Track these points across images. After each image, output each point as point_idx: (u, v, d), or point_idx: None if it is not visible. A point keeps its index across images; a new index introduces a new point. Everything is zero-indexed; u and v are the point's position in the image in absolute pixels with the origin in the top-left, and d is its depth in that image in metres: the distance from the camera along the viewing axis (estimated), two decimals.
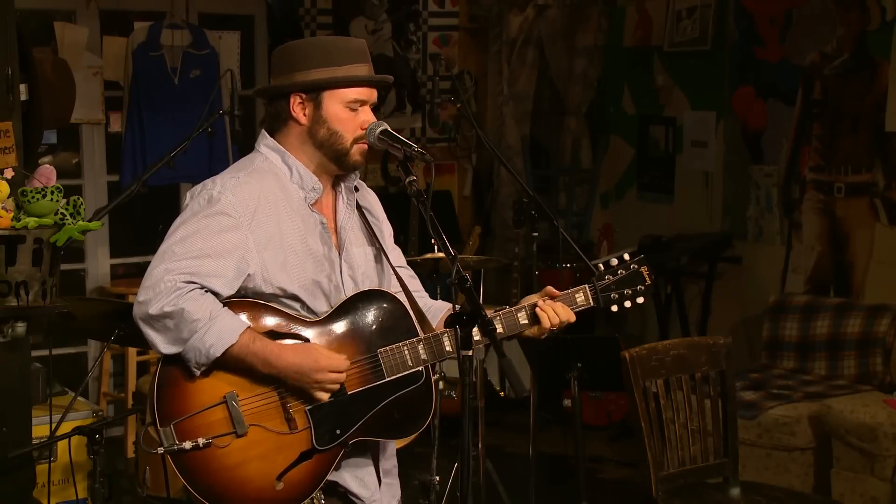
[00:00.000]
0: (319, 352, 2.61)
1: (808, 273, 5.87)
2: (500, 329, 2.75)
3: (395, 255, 2.92)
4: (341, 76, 2.67)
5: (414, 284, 2.92)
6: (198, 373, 2.58)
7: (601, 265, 2.87)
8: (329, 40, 2.80)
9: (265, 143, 2.76)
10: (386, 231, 2.93)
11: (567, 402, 4.27)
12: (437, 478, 4.33)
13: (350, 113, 2.69)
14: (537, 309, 2.75)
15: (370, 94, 2.72)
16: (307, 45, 2.77)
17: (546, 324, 2.74)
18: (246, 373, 2.60)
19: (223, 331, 2.54)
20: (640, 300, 2.87)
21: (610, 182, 7.19)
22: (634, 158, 6.98)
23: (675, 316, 6.39)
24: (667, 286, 6.42)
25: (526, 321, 2.77)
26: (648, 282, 2.87)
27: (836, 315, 5.45)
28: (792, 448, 4.97)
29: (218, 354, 2.54)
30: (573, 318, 2.78)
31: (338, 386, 2.62)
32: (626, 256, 2.88)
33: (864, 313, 5.35)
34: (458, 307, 2.46)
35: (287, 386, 2.61)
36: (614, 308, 2.85)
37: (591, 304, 2.83)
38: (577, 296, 2.82)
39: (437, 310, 2.89)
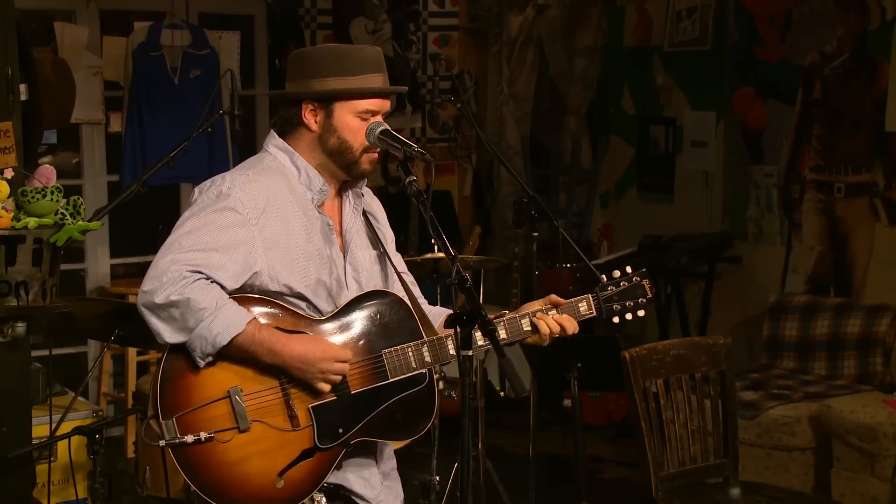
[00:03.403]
0: (326, 342, 2.62)
1: (808, 273, 5.87)
2: (503, 335, 2.77)
3: (396, 261, 2.92)
4: (353, 87, 2.68)
5: (414, 291, 2.92)
6: (202, 364, 2.57)
7: (604, 276, 2.89)
8: (344, 48, 2.79)
9: (274, 143, 2.76)
10: (389, 238, 2.93)
11: (567, 402, 4.27)
12: (437, 478, 4.32)
13: (361, 123, 2.70)
14: (535, 319, 2.78)
15: (382, 104, 2.73)
16: (323, 52, 2.77)
17: (545, 332, 2.77)
18: (250, 364, 2.59)
19: (229, 319, 2.54)
20: (641, 313, 2.92)
21: (610, 182, 7.19)
22: (634, 158, 6.98)
23: (675, 316, 6.39)
24: (667, 286, 6.42)
25: (529, 328, 2.79)
26: (650, 295, 2.92)
27: (836, 315, 5.45)
28: (792, 448, 4.97)
29: (224, 343, 2.54)
30: (577, 329, 2.80)
31: (340, 378, 2.62)
32: (629, 269, 2.92)
33: (864, 313, 5.35)
34: (458, 307, 2.46)
35: (290, 377, 2.61)
36: (615, 319, 2.90)
37: (594, 313, 2.88)
38: (580, 305, 2.85)
39: (433, 316, 2.89)
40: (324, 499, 2.67)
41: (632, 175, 7.01)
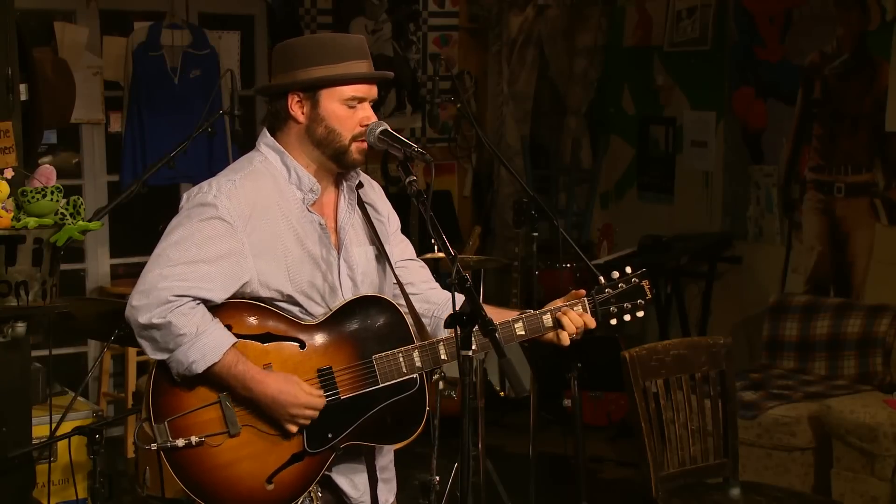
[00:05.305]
0: (300, 387, 2.61)
1: (808, 273, 5.87)
2: (522, 332, 2.76)
3: (404, 247, 2.92)
4: (338, 74, 2.66)
5: (423, 275, 2.92)
6: (179, 380, 2.60)
7: (602, 278, 2.87)
8: (328, 37, 2.79)
9: (265, 141, 2.75)
10: (393, 225, 2.92)
11: (567, 402, 4.26)
12: (437, 478, 4.32)
13: (348, 110, 2.68)
14: (559, 314, 2.77)
15: (369, 90, 2.71)
16: (305, 42, 2.76)
17: (570, 327, 2.75)
18: (228, 389, 2.61)
19: (206, 348, 2.55)
20: (640, 314, 2.90)
21: (610, 182, 7.19)
22: (634, 158, 6.99)
23: (675, 316, 6.39)
24: (667, 286, 6.42)
25: (550, 324, 2.78)
26: (649, 296, 2.89)
27: (836, 315, 5.45)
28: (792, 448, 4.97)
29: (199, 371, 2.56)
30: (593, 324, 2.80)
31: (308, 421, 2.62)
32: (629, 270, 2.89)
33: (864, 313, 5.35)
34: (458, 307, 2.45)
35: (260, 410, 2.62)
36: (613, 321, 2.88)
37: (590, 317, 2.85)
38: (575, 309, 2.82)
39: (443, 302, 2.88)
40: (319, 489, 2.69)
41: (632, 175, 7.01)
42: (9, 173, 3.53)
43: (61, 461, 4.42)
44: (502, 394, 6.41)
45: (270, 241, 2.64)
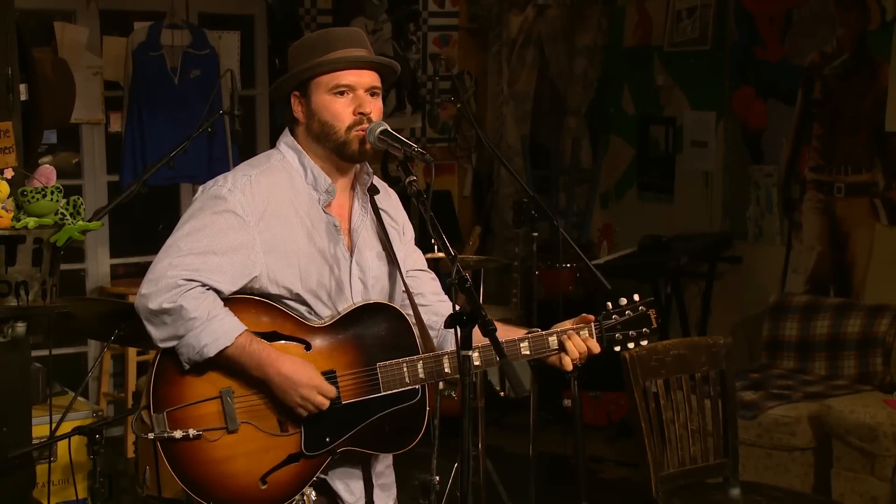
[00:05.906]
0: (315, 371, 2.61)
1: (808, 273, 5.87)
2: (527, 352, 2.76)
3: (416, 257, 2.92)
4: (313, 62, 2.66)
5: (433, 286, 2.92)
6: (188, 367, 2.59)
7: (609, 304, 2.87)
8: (320, 32, 2.78)
9: (285, 140, 2.75)
10: (407, 233, 2.92)
11: (567, 402, 4.27)
12: (437, 478, 4.32)
13: (338, 100, 2.66)
14: (564, 337, 2.77)
15: (358, 77, 2.67)
16: (301, 41, 2.76)
17: (573, 351, 2.76)
18: (239, 373, 2.60)
19: (219, 332, 2.54)
20: (644, 343, 2.91)
21: (610, 182, 7.19)
22: (634, 158, 6.98)
23: (675, 316, 6.39)
24: (667, 286, 6.42)
25: (556, 346, 2.78)
26: (654, 325, 2.90)
27: (836, 315, 5.45)
28: (792, 448, 4.97)
29: (211, 354, 2.55)
30: (597, 349, 2.81)
31: (315, 410, 2.61)
32: (637, 297, 2.90)
33: (864, 313, 5.35)
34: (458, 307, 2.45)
35: (272, 393, 2.61)
36: (616, 348, 2.89)
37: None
38: (581, 333, 2.82)
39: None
40: (313, 492, 2.68)
41: (632, 175, 7.01)
42: (9, 173, 3.53)
43: (61, 461, 4.42)
44: (502, 394, 6.41)
45: (283, 239, 2.64)
